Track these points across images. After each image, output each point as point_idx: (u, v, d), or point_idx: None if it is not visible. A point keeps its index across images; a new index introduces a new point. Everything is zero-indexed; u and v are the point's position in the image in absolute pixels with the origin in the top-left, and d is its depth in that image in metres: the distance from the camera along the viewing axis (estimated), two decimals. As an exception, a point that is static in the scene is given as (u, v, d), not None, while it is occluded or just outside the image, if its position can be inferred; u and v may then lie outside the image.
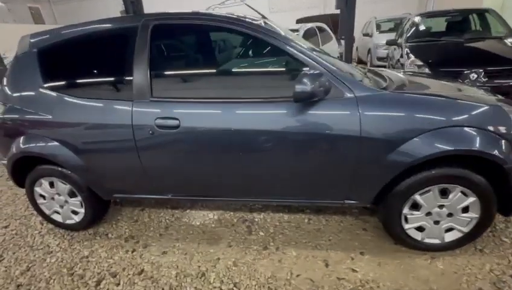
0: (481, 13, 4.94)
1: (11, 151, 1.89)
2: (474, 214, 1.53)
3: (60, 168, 1.90)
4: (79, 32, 1.77)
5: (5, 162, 2.04)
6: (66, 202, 2.06)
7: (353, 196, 1.65)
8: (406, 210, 1.59)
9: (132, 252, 1.92)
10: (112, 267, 1.81)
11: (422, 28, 4.88)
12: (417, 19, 4.91)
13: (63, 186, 1.98)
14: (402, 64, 4.43)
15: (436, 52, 4.18)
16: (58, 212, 2.13)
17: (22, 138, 1.87)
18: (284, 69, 1.68)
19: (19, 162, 1.93)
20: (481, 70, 3.48)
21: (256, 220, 2.14)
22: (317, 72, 1.39)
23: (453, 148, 1.36)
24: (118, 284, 1.68)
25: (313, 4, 11.93)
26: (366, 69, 2.15)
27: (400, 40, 4.97)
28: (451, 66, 3.71)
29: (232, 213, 2.24)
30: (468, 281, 1.50)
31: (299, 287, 1.54)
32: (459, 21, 4.99)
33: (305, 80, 1.31)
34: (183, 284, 1.64)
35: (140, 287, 1.64)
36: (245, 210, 2.26)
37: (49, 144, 1.81)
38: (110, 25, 1.74)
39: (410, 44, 4.49)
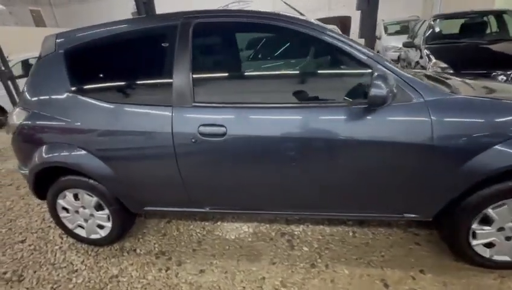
0: (499, 14, 4.87)
1: (34, 161, 1.73)
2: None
3: (87, 179, 1.74)
4: (110, 32, 1.63)
5: (24, 171, 1.89)
6: (92, 215, 1.89)
7: (415, 209, 1.51)
8: (475, 225, 1.45)
9: (166, 270, 1.76)
10: (146, 288, 1.65)
11: (440, 29, 4.79)
12: (435, 21, 4.81)
13: (90, 199, 1.82)
14: (422, 66, 4.32)
15: (459, 54, 4.08)
16: (82, 227, 1.96)
17: (45, 146, 1.71)
18: (343, 71, 1.54)
19: (41, 173, 1.77)
20: (509, 72, 3.39)
21: (296, 233, 1.99)
22: (385, 75, 1.25)
23: None
24: (156, 309, 1.52)
25: (317, 7, 11.90)
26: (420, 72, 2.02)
27: (417, 42, 4.88)
28: (477, 68, 3.61)
29: (267, 226, 2.09)
30: (549, 304, 1.36)
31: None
32: (475, 23, 4.91)
33: (380, 83, 1.17)
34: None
35: (182, 312, 1.49)
36: (281, 222, 2.11)
37: (77, 153, 1.65)
38: (145, 24, 1.60)
39: (430, 46, 4.39)
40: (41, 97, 1.72)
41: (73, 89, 1.65)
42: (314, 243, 1.88)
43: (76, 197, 1.86)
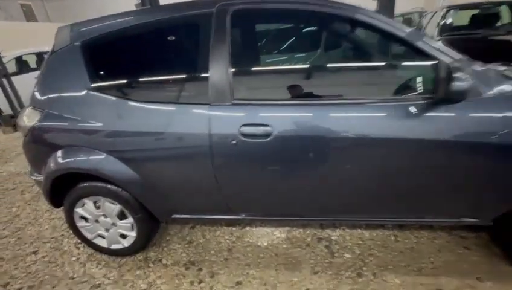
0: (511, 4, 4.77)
1: (49, 167, 1.56)
2: None
3: (109, 186, 1.58)
4: (135, 22, 1.45)
5: (37, 178, 1.72)
6: (114, 224, 1.74)
7: (474, 213, 1.39)
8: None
9: (199, 283, 1.62)
10: (181, 304, 1.51)
11: (453, 21, 4.67)
12: (448, 12, 4.69)
13: (112, 207, 1.66)
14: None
15: (475, 45, 3.97)
16: (102, 236, 1.81)
17: (62, 150, 1.54)
18: (404, 64, 1.39)
19: (58, 179, 1.60)
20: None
21: (334, 238, 1.86)
22: (463, 66, 1.11)
23: None
24: (194, 328, 1.39)
25: None
26: None
27: (430, 34, 4.75)
28: (495, 61, 3.51)
29: (300, 230, 1.96)
30: None
31: (422, 327, 1.28)
32: (488, 14, 4.81)
33: (461, 76, 1.03)
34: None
35: (224, 331, 1.35)
36: (315, 226, 1.98)
37: (100, 157, 1.49)
38: (174, 13, 1.42)
39: (445, 37, 4.28)
40: (56, 95, 1.54)
41: (93, 86, 1.48)
42: (355, 249, 1.75)
43: (96, 204, 1.70)
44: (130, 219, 1.69)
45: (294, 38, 1.56)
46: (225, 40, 1.32)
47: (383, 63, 1.45)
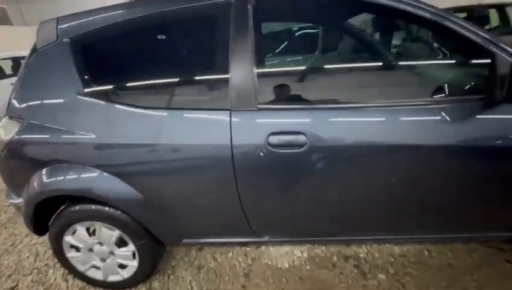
0: (501, 8, 4.89)
1: (32, 189, 1.29)
2: None
3: (107, 209, 1.32)
4: (136, 14, 1.21)
5: (16, 201, 1.44)
6: (111, 253, 1.47)
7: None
8: None
9: (216, 319, 1.39)
10: None
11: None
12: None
13: (109, 233, 1.40)
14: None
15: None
16: (97, 268, 1.53)
17: (48, 168, 1.27)
18: (459, 61, 1.23)
19: (44, 203, 1.33)
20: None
21: (361, 256, 1.68)
22: None
23: None
24: None
25: None
26: None
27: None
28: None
29: (323, 248, 1.76)
30: None
31: None
32: (478, 16, 4.90)
33: None
34: None
35: None
36: (338, 243, 1.79)
37: (93, 175, 1.23)
38: (184, 4, 1.21)
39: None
40: (39, 103, 1.27)
41: (87, 90, 1.23)
42: (388, 267, 1.58)
43: (89, 231, 1.43)
44: (131, 246, 1.44)
45: (335, 30, 1.36)
46: (247, 35, 1.12)
47: (434, 62, 1.28)
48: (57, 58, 1.25)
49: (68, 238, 1.44)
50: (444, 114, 1.06)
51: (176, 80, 1.26)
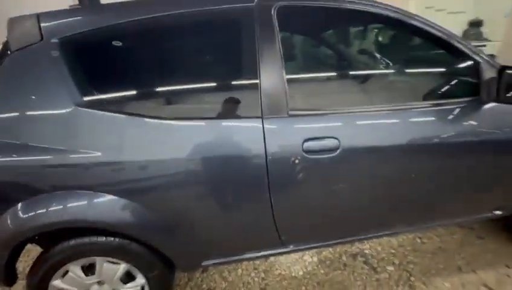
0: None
1: (12, 226, 1.01)
2: None
3: (112, 239, 1.12)
4: (147, 13, 1.08)
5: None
6: (114, 292, 1.24)
7: (504, 205, 1.49)
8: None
9: None
10: None
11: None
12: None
13: (113, 269, 1.18)
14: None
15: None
16: (96, 314, 1.27)
17: (35, 198, 1.01)
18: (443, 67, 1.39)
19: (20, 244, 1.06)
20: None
21: (367, 252, 1.77)
22: None
23: None
24: None
25: None
26: None
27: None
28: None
29: (330, 250, 1.80)
30: None
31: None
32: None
33: None
34: None
35: None
36: (339, 245, 1.85)
37: (100, 200, 1.04)
38: (198, 6, 1.12)
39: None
40: (19, 117, 1.02)
41: (86, 100, 1.03)
42: (392, 259, 1.69)
43: (86, 269, 1.19)
44: (140, 280, 1.24)
45: (359, 39, 1.44)
46: (274, 40, 1.10)
47: (442, 69, 1.44)
48: (43, 62, 1.03)
49: (57, 283, 1.16)
50: (443, 114, 1.22)
51: (199, 86, 1.15)
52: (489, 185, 1.38)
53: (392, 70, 1.48)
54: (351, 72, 1.42)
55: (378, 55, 1.49)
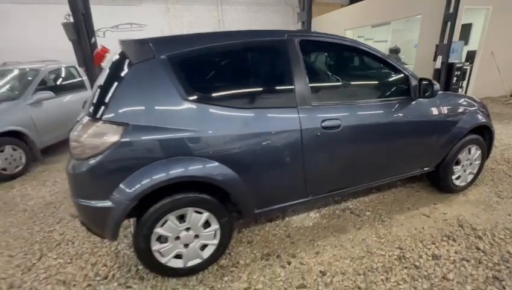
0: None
1: (139, 183, 1.44)
2: None
3: (198, 194, 1.61)
4: (222, 41, 1.67)
5: (104, 204, 1.47)
6: (196, 236, 1.70)
7: (429, 163, 2.40)
8: (454, 167, 2.50)
9: (289, 264, 1.85)
10: (290, 281, 1.69)
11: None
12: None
13: (198, 217, 1.66)
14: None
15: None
16: (178, 256, 1.69)
17: (158, 163, 1.48)
18: (390, 79, 2.25)
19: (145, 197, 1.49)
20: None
21: (351, 206, 2.51)
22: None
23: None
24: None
25: (210, 25, 12.48)
26: None
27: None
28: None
29: (325, 209, 2.49)
30: (488, 200, 2.53)
31: (442, 228, 2.08)
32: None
33: (436, 84, 1.98)
34: (372, 265, 1.81)
35: (349, 283, 1.68)
36: (332, 204, 2.56)
37: (211, 164, 1.57)
38: (253, 37, 1.77)
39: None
40: (145, 108, 1.49)
41: (190, 98, 1.55)
42: (368, 208, 2.46)
43: (180, 219, 1.64)
44: (214, 226, 1.73)
45: (342, 61, 2.28)
46: (299, 61, 1.79)
47: (389, 79, 2.30)
48: (156, 71, 1.52)
49: (159, 230, 1.58)
50: (393, 106, 2.06)
51: (260, 89, 1.78)
52: (420, 151, 2.27)
53: (363, 81, 2.34)
54: (343, 80, 2.20)
55: (355, 71, 2.34)
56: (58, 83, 4.49)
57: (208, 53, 1.65)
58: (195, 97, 1.57)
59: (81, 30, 3.65)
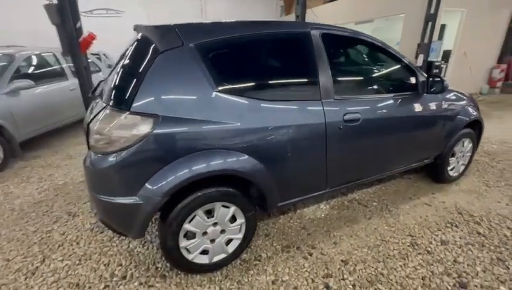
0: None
1: (171, 177, 1.37)
2: None
3: (226, 189, 1.57)
4: (246, 30, 1.62)
5: (130, 201, 1.39)
6: (223, 231, 1.66)
7: (429, 156, 2.55)
8: (451, 159, 2.67)
9: (310, 255, 1.88)
10: (316, 271, 1.72)
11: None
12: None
13: (226, 211, 1.62)
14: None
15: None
16: (204, 252, 1.65)
17: (191, 156, 1.42)
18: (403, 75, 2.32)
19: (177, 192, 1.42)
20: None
21: (357, 198, 2.59)
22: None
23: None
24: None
25: (192, 15, 12.08)
26: None
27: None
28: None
29: (334, 200, 2.56)
30: (477, 189, 2.76)
31: (444, 216, 2.23)
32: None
33: (446, 79, 2.08)
34: (389, 253, 1.89)
35: (369, 271, 1.74)
36: (339, 196, 2.63)
37: (241, 157, 1.53)
38: (278, 28, 1.74)
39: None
40: (175, 99, 1.40)
41: (220, 88, 1.49)
42: (374, 199, 2.57)
43: (208, 214, 1.60)
44: (240, 220, 1.70)
45: (359, 56, 2.30)
46: (323, 54, 1.79)
47: (401, 75, 2.36)
48: (185, 60, 1.44)
49: (187, 226, 1.52)
50: (405, 100, 2.15)
51: (285, 81, 1.74)
52: (423, 144, 2.40)
53: (378, 76, 2.39)
54: (361, 75, 2.25)
55: (370, 66, 2.39)
56: (36, 70, 4.10)
57: (235, 43, 1.59)
58: (224, 88, 1.51)
59: (66, 13, 3.34)
